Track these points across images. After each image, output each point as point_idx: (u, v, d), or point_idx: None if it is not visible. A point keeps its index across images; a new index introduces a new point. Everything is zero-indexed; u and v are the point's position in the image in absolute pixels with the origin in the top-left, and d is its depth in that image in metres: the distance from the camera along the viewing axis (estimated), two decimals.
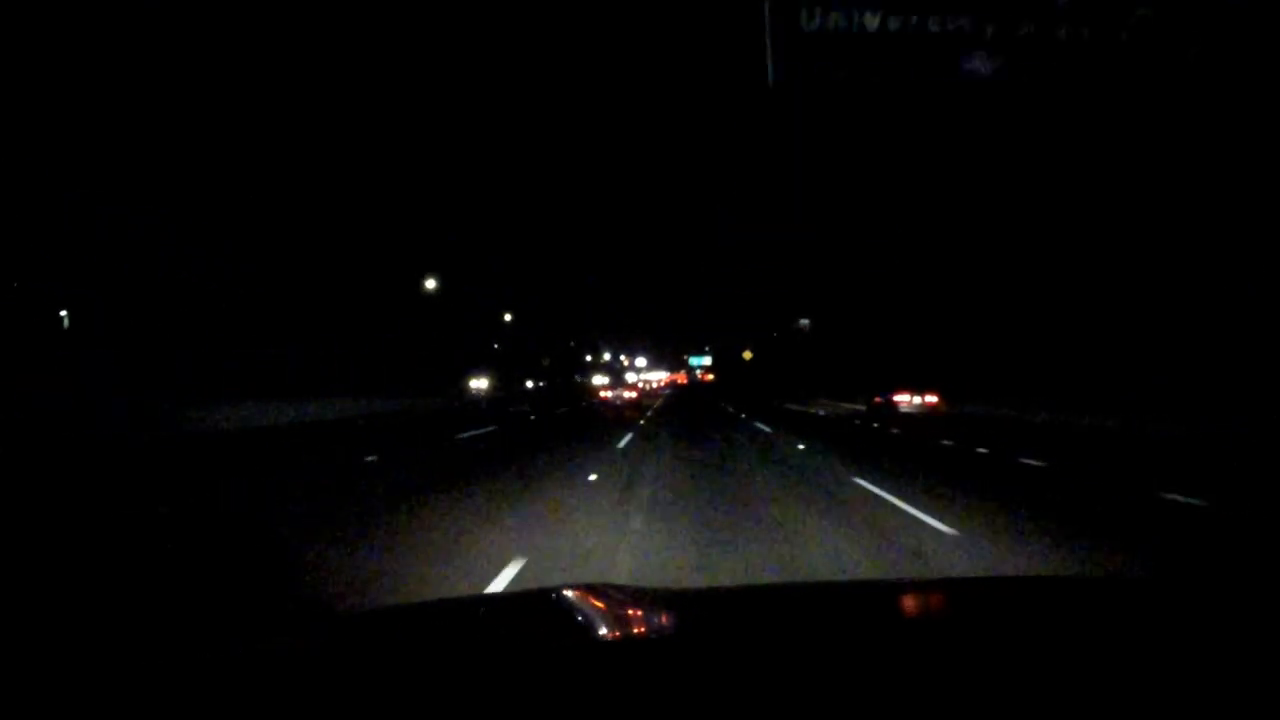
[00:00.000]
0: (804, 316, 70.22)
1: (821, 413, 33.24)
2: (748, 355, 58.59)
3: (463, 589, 4.70)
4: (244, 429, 20.10)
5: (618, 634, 1.45)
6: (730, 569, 5.27)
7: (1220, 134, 24.61)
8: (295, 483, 10.25)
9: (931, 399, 27.07)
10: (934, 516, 7.09)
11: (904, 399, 27.11)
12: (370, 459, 12.90)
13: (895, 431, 20.63)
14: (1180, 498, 8.19)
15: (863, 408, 31.01)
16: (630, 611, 1.59)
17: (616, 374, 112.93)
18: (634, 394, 42.81)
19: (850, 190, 70.59)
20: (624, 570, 5.19)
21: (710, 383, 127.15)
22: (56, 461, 11.93)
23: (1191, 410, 18.70)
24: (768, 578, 4.98)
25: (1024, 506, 8.07)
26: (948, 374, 33.43)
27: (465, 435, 18.96)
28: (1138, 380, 25.40)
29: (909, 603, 1.76)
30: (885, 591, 2.10)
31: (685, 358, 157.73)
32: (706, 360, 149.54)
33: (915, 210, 47.07)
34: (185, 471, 11.82)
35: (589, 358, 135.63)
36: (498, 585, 4.80)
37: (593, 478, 10.22)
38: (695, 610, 1.64)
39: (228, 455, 14.37)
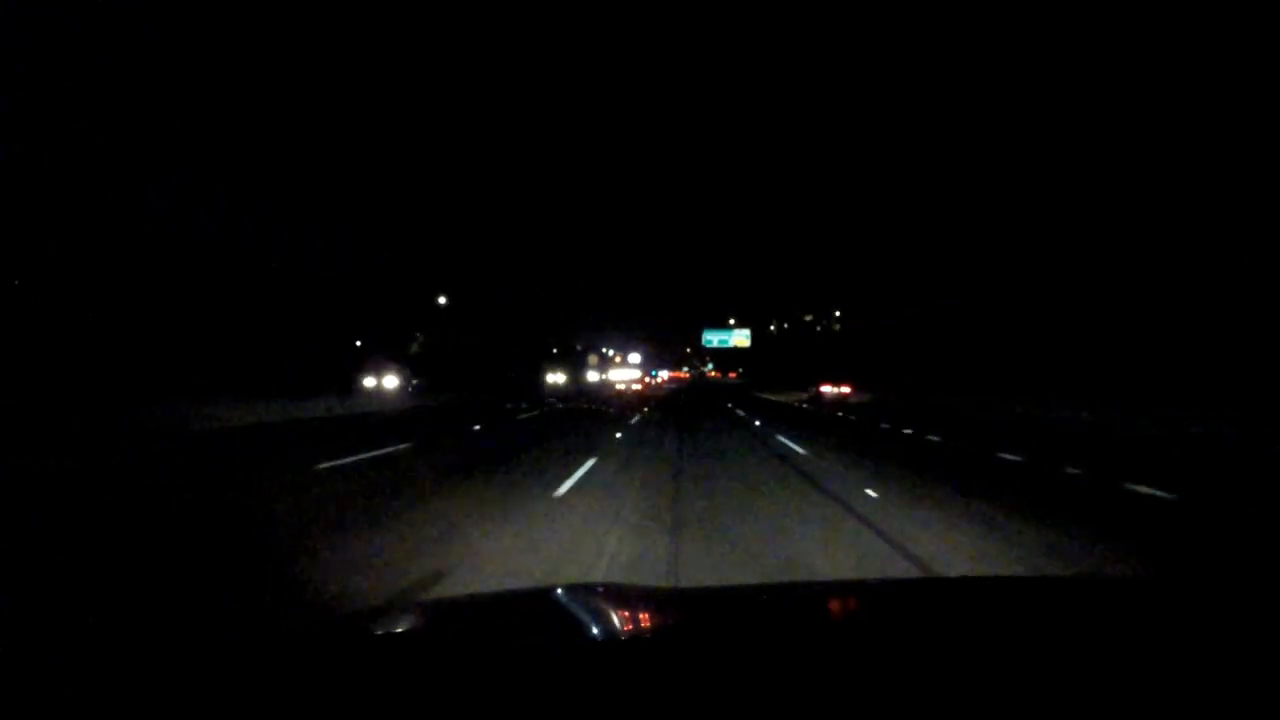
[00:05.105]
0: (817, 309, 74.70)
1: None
2: None
3: None
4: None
5: (615, 633, 1.48)
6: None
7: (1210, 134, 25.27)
8: None
9: (845, 389, 40.72)
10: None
11: (827, 389, 40.64)
12: None
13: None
14: (1071, 468, 8.06)
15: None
16: (627, 611, 1.62)
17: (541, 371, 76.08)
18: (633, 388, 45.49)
19: (845, 193, 74.67)
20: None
21: (732, 382, 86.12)
22: (71, 460, 11.35)
23: (1184, 411, 17.87)
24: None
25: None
26: (893, 373, 45.22)
27: None
28: (1120, 378, 25.20)
29: (906, 603, 1.80)
30: (883, 592, 2.16)
31: (689, 349, 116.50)
32: (739, 337, 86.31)
33: (905, 213, 50.23)
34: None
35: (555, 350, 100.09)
36: None
37: None
38: (692, 610, 1.68)
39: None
